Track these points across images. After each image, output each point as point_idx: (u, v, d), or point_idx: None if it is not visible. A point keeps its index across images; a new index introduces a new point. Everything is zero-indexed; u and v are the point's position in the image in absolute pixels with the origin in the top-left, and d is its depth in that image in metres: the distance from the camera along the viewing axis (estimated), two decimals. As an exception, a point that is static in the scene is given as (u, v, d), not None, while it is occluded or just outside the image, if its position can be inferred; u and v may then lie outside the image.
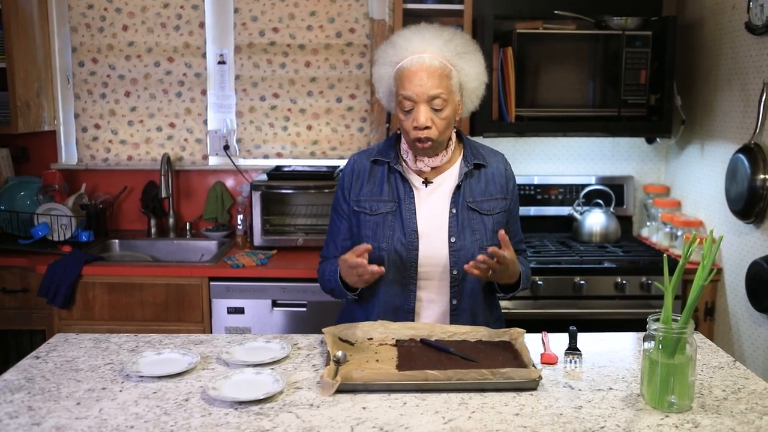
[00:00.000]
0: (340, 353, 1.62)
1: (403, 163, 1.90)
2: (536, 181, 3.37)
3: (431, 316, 1.89)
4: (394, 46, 1.83)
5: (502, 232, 1.76)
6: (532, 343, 1.77)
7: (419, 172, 1.89)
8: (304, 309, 2.81)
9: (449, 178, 1.89)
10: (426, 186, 1.88)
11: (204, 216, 3.41)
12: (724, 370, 1.67)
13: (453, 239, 1.85)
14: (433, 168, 1.88)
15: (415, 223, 1.85)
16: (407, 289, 1.87)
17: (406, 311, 1.88)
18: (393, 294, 1.87)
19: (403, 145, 1.90)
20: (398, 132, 1.92)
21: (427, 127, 1.76)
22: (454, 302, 1.87)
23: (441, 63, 1.77)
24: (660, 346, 1.44)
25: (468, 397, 1.50)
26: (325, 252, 2.02)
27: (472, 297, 1.88)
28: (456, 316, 1.88)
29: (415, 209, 1.86)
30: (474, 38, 1.96)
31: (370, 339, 1.76)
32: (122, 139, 3.42)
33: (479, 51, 1.87)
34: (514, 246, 1.96)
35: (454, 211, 1.86)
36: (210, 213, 3.40)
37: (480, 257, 1.73)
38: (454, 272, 1.85)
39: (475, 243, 1.85)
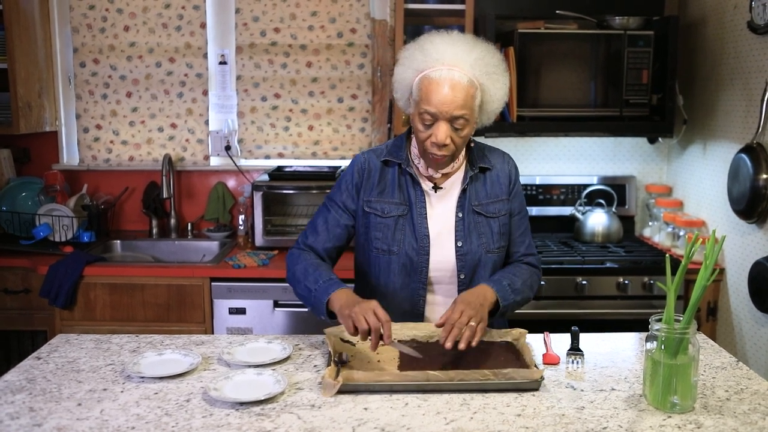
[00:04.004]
0: (341, 354, 1.62)
1: (414, 167, 1.86)
2: (538, 181, 3.36)
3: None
4: (423, 51, 1.72)
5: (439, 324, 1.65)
6: (534, 344, 1.78)
7: (429, 177, 1.85)
8: (306, 310, 2.81)
9: (457, 183, 1.86)
10: (436, 192, 1.86)
11: (205, 216, 3.41)
12: (727, 371, 1.66)
13: (459, 243, 1.83)
14: (443, 174, 1.85)
15: (427, 228, 1.83)
16: (417, 293, 1.86)
17: (415, 315, 1.87)
18: (403, 298, 1.86)
19: (414, 149, 1.86)
20: (407, 131, 1.88)
21: (444, 145, 1.72)
22: None
23: (469, 81, 1.68)
24: (662, 347, 1.44)
25: (470, 397, 1.50)
26: (310, 240, 1.86)
27: None
28: None
29: (426, 214, 1.84)
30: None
31: (372, 339, 1.76)
32: (124, 139, 3.42)
33: (507, 72, 1.78)
34: (517, 258, 1.91)
35: (460, 215, 1.84)
36: (211, 213, 3.39)
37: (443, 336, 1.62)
38: (461, 276, 1.84)
39: (482, 247, 1.84)
